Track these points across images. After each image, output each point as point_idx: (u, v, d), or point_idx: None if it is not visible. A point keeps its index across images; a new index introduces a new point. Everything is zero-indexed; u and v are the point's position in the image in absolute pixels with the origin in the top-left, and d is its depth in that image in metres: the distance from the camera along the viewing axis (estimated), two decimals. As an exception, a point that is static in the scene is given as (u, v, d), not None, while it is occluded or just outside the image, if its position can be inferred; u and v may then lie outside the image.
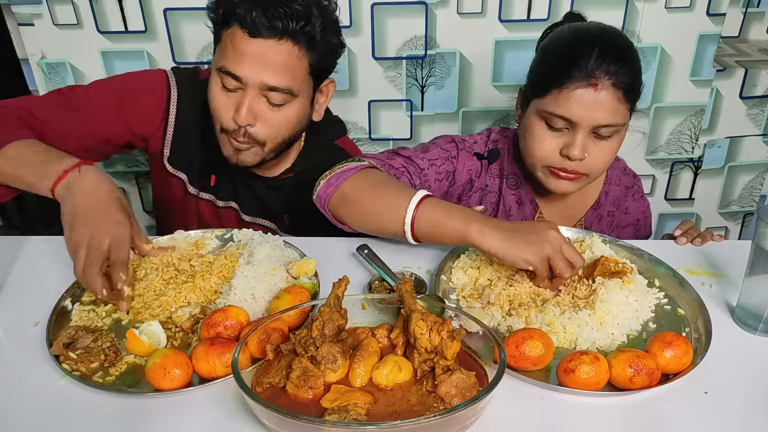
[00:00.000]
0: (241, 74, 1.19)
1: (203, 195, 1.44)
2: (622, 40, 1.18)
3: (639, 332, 1.00)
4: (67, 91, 1.32)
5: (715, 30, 1.84)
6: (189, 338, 0.97)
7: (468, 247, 1.16)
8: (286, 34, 1.17)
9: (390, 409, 0.79)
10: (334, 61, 1.31)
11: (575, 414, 0.85)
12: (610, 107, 1.13)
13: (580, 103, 1.13)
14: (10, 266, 1.13)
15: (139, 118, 1.35)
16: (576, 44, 1.16)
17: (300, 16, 1.17)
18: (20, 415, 0.84)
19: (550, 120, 1.17)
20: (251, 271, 1.03)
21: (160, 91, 1.36)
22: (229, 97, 1.23)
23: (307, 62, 1.22)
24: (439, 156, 1.31)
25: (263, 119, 1.24)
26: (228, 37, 1.20)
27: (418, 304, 0.88)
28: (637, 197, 1.46)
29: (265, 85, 1.20)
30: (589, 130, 1.15)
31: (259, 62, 1.18)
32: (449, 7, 1.77)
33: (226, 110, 1.24)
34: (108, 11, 1.73)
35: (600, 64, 1.11)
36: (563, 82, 1.13)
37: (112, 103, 1.31)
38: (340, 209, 1.14)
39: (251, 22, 1.15)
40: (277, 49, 1.18)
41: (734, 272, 1.14)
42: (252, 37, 1.17)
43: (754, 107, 2.01)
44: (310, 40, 1.20)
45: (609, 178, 1.41)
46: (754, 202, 2.20)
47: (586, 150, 1.17)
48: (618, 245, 1.19)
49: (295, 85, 1.22)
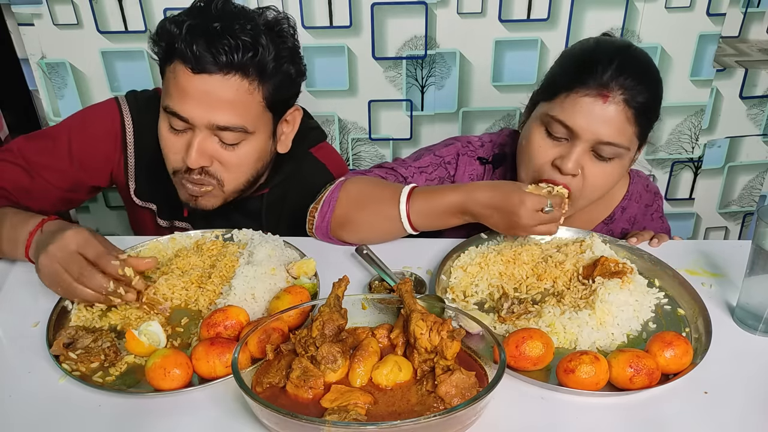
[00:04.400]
0: (187, 114, 1.10)
1: (178, 224, 1.37)
2: (648, 61, 1.11)
3: (639, 332, 1.00)
4: (18, 153, 1.23)
5: (715, 30, 1.84)
6: (189, 338, 0.97)
7: (468, 248, 1.16)
8: (233, 68, 1.07)
9: (390, 409, 0.79)
10: (293, 92, 1.21)
11: (575, 414, 0.85)
12: (617, 125, 1.05)
13: (585, 113, 1.05)
14: (10, 266, 1.13)
15: (93, 168, 1.28)
16: (597, 51, 1.09)
17: (247, 47, 1.07)
18: (20, 415, 0.84)
19: (550, 126, 1.10)
20: (251, 271, 1.03)
21: (110, 127, 1.27)
22: (178, 138, 1.14)
23: (261, 96, 1.12)
24: (430, 162, 1.29)
25: (219, 159, 1.15)
26: (171, 73, 1.10)
27: (418, 304, 0.88)
28: (656, 217, 1.38)
29: (214, 125, 1.10)
30: (589, 145, 1.08)
31: (205, 100, 1.08)
32: (449, 7, 1.77)
33: (175, 152, 1.15)
34: (108, 11, 1.73)
35: (616, 77, 1.04)
36: (573, 86, 1.06)
37: (63, 158, 1.25)
38: (342, 234, 1.18)
39: (193, 56, 1.05)
40: (225, 84, 1.08)
41: (734, 272, 1.14)
42: (195, 73, 1.07)
43: (754, 107, 2.01)
44: (262, 71, 1.10)
45: (629, 193, 1.32)
46: (754, 202, 2.20)
47: (580, 166, 1.09)
48: (618, 245, 1.19)
49: (248, 122, 1.12)
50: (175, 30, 1.07)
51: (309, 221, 1.20)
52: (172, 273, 1.09)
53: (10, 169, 1.22)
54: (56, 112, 1.87)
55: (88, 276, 0.96)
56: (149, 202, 1.36)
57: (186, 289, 1.05)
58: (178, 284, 1.05)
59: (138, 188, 1.33)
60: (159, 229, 1.38)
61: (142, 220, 1.40)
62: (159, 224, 1.37)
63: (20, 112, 2.06)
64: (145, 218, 1.39)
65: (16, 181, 1.22)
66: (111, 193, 2.06)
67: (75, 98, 1.84)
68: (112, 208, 2.10)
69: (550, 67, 1.19)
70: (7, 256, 1.09)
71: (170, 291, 1.05)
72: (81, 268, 0.96)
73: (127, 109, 1.28)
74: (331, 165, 1.39)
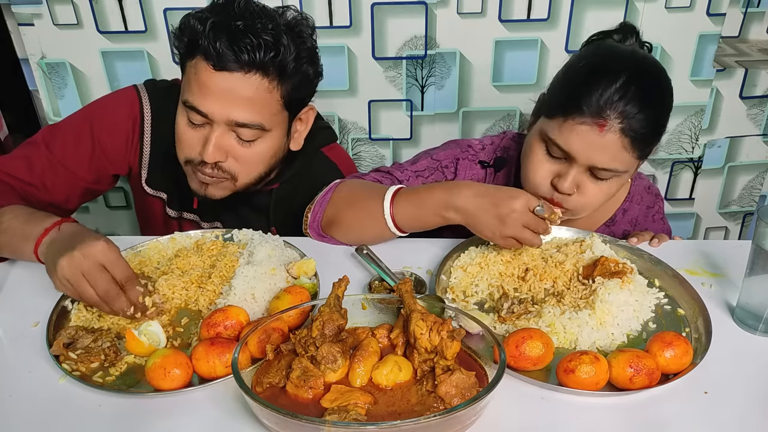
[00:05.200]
0: (206, 110, 1.11)
1: (187, 215, 1.37)
2: (654, 80, 1.05)
3: (639, 332, 1.00)
4: (43, 145, 1.24)
5: (715, 30, 1.84)
6: (189, 338, 0.97)
7: (468, 248, 1.16)
8: (254, 67, 1.08)
9: (390, 409, 0.79)
10: (310, 91, 1.22)
11: (575, 414, 0.85)
12: (612, 153, 1.03)
13: (581, 140, 1.03)
14: (10, 266, 1.13)
15: (114, 155, 1.28)
16: (599, 72, 1.03)
17: (269, 47, 1.08)
18: (20, 415, 0.84)
19: (548, 145, 1.09)
20: (251, 271, 1.03)
21: (129, 112, 1.28)
22: (195, 132, 1.15)
23: (279, 95, 1.14)
24: (427, 166, 1.28)
25: (234, 155, 1.16)
26: (192, 69, 1.11)
27: (418, 304, 0.88)
28: (658, 219, 1.38)
29: (233, 122, 1.12)
30: (585, 168, 1.07)
31: (225, 97, 1.10)
32: (449, 7, 1.77)
33: (192, 146, 1.16)
34: (108, 11, 1.73)
35: (614, 102, 1.00)
36: (570, 112, 1.03)
37: (87, 147, 1.25)
38: (331, 232, 1.19)
39: (216, 54, 1.06)
40: (245, 82, 1.09)
41: (734, 272, 1.14)
42: (217, 70, 1.08)
43: (754, 107, 2.01)
44: (282, 71, 1.11)
45: (631, 195, 1.32)
46: (754, 202, 2.20)
47: (577, 186, 1.08)
48: (618, 245, 1.19)
49: (266, 119, 1.14)
50: (199, 26, 1.08)
51: (304, 221, 1.21)
52: (172, 273, 1.09)
53: (37, 162, 1.23)
54: (56, 112, 1.86)
55: (114, 297, 0.96)
56: (160, 191, 1.36)
57: (186, 289, 1.05)
58: (178, 284, 1.05)
59: (150, 177, 1.34)
60: (167, 219, 1.39)
61: (150, 210, 1.40)
62: (167, 214, 1.38)
63: (20, 112, 2.07)
64: (154, 207, 1.39)
65: (41, 174, 1.23)
66: (111, 193, 2.06)
67: (75, 98, 1.84)
68: (112, 208, 2.10)
69: (556, 73, 1.14)
70: (9, 252, 1.08)
71: (170, 291, 1.05)
72: (108, 288, 0.95)
73: (146, 97, 1.29)
74: (342, 165, 1.40)
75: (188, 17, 1.11)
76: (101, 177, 1.31)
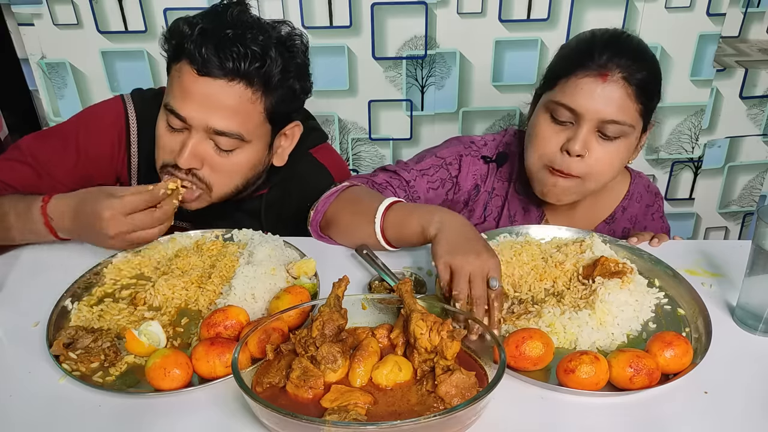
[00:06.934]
0: (185, 114, 1.10)
1: (179, 224, 1.33)
2: (642, 44, 1.16)
3: (639, 332, 1.00)
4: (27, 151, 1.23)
5: (715, 30, 1.84)
6: (189, 338, 0.97)
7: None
8: (238, 75, 1.08)
9: (390, 409, 0.79)
10: (295, 106, 1.21)
11: (575, 414, 0.85)
12: (619, 102, 1.10)
13: (587, 94, 1.10)
14: (11, 266, 1.13)
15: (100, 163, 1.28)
16: (593, 39, 1.15)
17: (255, 57, 1.07)
18: (20, 415, 0.84)
19: (555, 111, 1.14)
20: (251, 271, 1.03)
21: (114, 121, 1.27)
22: (174, 136, 1.14)
23: (262, 107, 1.13)
24: (432, 165, 1.29)
25: (210, 164, 1.15)
26: (176, 72, 1.11)
27: (418, 304, 0.88)
28: (657, 217, 1.40)
29: (211, 129, 1.11)
30: (593, 125, 1.12)
31: (206, 103, 1.09)
32: (449, 7, 1.77)
33: (169, 151, 1.15)
34: (108, 11, 1.73)
35: (613, 58, 1.09)
36: (572, 71, 1.11)
37: (71, 154, 1.25)
38: (329, 232, 1.19)
39: (201, 58, 1.06)
40: (228, 90, 1.09)
41: (734, 272, 1.14)
42: (200, 76, 1.08)
43: (754, 107, 2.01)
44: (267, 83, 1.11)
45: (630, 193, 1.35)
46: (754, 202, 2.20)
47: (587, 147, 1.13)
48: (618, 245, 1.19)
49: (246, 130, 1.13)
50: (187, 30, 1.08)
51: (307, 217, 1.22)
52: (172, 273, 1.09)
53: (19, 167, 1.22)
54: (56, 112, 1.87)
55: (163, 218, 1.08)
56: None
57: (186, 289, 1.06)
58: (178, 284, 1.05)
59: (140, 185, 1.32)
60: None
61: None
62: None
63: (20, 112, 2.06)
64: None
65: (24, 180, 1.22)
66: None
67: (75, 98, 1.84)
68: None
69: (549, 64, 1.22)
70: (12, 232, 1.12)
71: (170, 291, 1.05)
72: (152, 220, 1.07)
73: (132, 106, 1.28)
74: (332, 166, 1.39)
75: (179, 21, 1.11)
76: (86, 184, 1.26)
